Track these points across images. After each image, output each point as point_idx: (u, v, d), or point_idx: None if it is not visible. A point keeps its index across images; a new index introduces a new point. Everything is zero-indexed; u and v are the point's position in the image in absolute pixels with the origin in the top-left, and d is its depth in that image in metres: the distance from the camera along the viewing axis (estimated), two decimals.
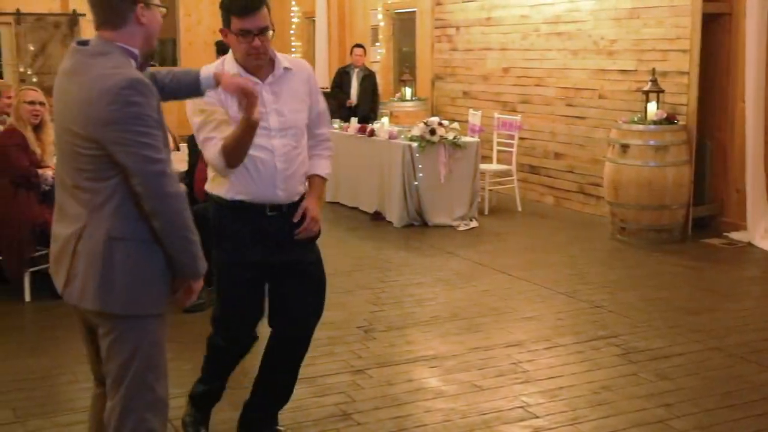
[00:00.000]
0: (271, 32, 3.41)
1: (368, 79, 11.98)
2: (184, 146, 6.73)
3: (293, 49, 15.14)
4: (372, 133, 9.12)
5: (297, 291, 3.67)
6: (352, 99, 11.87)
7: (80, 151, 2.64)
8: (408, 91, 11.59)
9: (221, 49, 5.91)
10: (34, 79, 13.89)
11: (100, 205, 2.67)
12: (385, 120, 9.57)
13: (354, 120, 9.70)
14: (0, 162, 6.04)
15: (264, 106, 3.43)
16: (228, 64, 3.50)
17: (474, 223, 8.61)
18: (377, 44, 13.32)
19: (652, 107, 7.92)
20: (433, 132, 8.51)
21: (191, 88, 3.12)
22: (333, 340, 5.29)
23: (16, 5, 14.32)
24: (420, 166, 8.49)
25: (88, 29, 14.36)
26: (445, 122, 8.75)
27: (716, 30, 8.05)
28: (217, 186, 3.58)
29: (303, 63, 3.74)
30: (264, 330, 3.81)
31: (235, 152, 3.30)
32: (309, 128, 3.68)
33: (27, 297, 6.00)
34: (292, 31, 15.36)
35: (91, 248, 2.67)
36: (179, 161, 6.26)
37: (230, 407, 4.14)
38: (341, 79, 12.08)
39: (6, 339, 5.39)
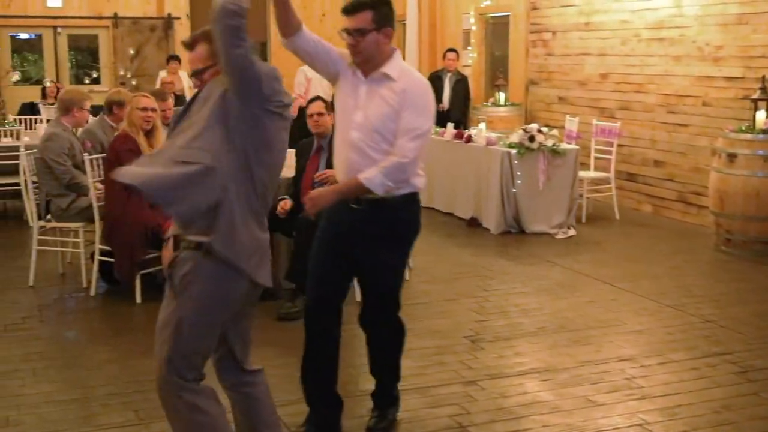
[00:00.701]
0: (370, 35, 3.67)
1: (460, 84, 11.96)
2: (291, 152, 6.75)
3: None
4: (469, 139, 9.07)
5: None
6: (444, 104, 11.85)
7: None
8: (502, 96, 11.48)
9: None
10: (133, 82, 14.24)
11: None
12: (482, 126, 9.50)
13: (450, 125, 9.65)
14: (113, 166, 6.15)
15: (357, 101, 3.76)
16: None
17: (572, 231, 8.49)
18: (468, 48, 13.26)
19: (760, 116, 7.69)
20: (532, 139, 8.42)
21: None
22: (441, 349, 5.27)
23: (114, 9, 14.70)
24: (518, 173, 8.41)
25: (181, 32, 14.63)
26: (544, 129, 8.65)
27: None
28: None
29: (409, 77, 3.76)
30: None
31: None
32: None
33: (138, 299, 6.13)
34: None
35: None
36: (287, 167, 6.28)
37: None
38: (434, 84, 12.02)
39: (120, 340, 5.51)
